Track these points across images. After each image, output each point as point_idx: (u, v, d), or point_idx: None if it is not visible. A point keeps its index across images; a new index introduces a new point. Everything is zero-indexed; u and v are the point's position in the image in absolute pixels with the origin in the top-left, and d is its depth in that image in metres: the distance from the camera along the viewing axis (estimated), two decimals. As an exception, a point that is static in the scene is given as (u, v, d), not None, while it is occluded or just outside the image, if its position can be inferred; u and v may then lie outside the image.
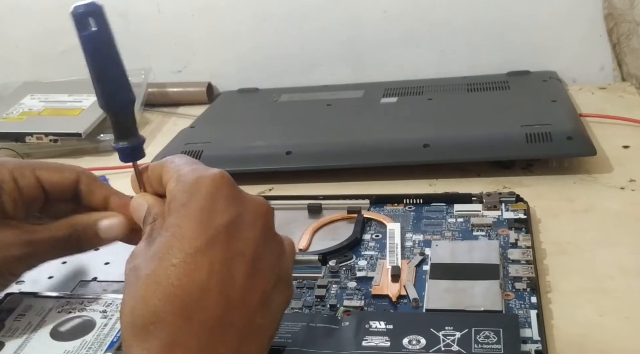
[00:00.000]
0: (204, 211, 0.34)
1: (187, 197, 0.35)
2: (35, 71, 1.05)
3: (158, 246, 0.34)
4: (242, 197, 0.36)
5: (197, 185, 0.35)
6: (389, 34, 0.97)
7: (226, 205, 0.35)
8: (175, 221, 0.34)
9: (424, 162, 0.69)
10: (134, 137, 0.39)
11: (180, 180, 0.36)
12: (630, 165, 0.67)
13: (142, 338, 0.33)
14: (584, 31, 0.92)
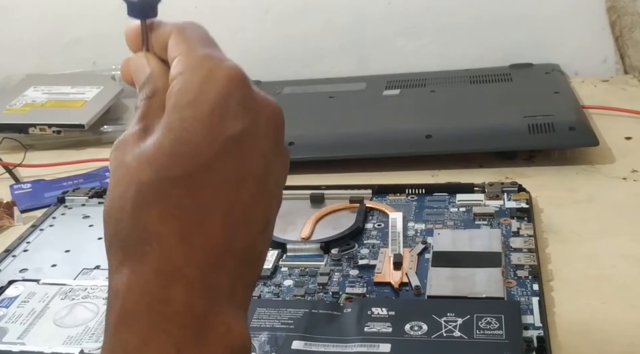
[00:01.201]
0: (215, 116, 0.29)
1: (196, 93, 0.29)
2: (39, 63, 1.05)
3: (156, 149, 0.29)
4: (256, 101, 0.31)
5: (210, 80, 0.30)
6: (392, 27, 0.97)
7: (240, 110, 0.30)
8: (180, 123, 0.29)
9: (426, 152, 0.69)
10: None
11: (190, 66, 0.30)
12: (632, 156, 0.67)
13: (133, 257, 0.28)
14: (587, 24, 0.92)
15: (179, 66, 0.31)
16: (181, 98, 0.29)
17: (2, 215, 0.65)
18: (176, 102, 0.29)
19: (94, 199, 0.66)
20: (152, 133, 0.29)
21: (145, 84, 0.32)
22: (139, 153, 0.29)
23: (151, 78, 0.32)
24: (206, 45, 0.31)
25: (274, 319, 0.44)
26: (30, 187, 0.74)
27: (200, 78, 0.30)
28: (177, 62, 0.31)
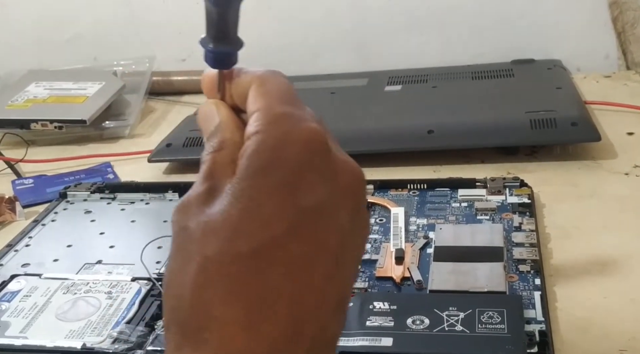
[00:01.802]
0: (288, 186, 0.26)
1: (269, 158, 0.27)
2: (40, 59, 1.05)
3: (222, 219, 0.26)
4: (335, 167, 0.28)
5: (286, 144, 0.27)
6: (393, 22, 0.97)
7: (316, 179, 0.27)
8: (250, 192, 0.26)
9: (428, 148, 0.69)
10: (234, 40, 0.31)
11: (266, 126, 0.28)
12: (634, 151, 0.67)
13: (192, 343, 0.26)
14: (589, 19, 0.92)
15: (254, 124, 0.28)
16: (253, 162, 0.27)
17: (4, 210, 0.65)
18: (248, 166, 0.27)
19: (96, 194, 0.66)
20: (218, 197, 0.27)
21: (213, 135, 0.30)
22: (204, 222, 0.27)
23: (219, 129, 0.30)
24: (286, 102, 0.29)
25: (275, 313, 0.44)
26: (32, 182, 0.74)
27: (276, 142, 0.27)
28: (254, 119, 0.28)
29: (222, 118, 0.30)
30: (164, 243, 0.56)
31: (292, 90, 0.30)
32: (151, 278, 0.50)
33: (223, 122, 0.30)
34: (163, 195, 0.64)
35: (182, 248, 0.27)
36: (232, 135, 0.29)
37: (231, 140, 0.29)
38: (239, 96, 0.30)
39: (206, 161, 0.29)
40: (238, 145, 0.29)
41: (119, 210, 0.63)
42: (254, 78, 0.30)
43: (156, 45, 1.03)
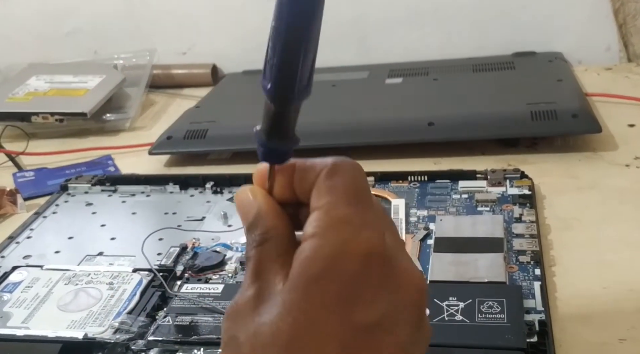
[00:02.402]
0: (343, 301, 0.25)
1: (326, 268, 0.25)
2: (41, 52, 1.05)
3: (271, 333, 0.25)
4: (397, 279, 0.26)
5: (344, 254, 0.25)
6: (394, 15, 0.97)
7: (374, 294, 0.25)
8: (302, 305, 0.25)
9: (429, 140, 0.69)
10: (291, 138, 0.28)
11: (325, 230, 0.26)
12: (635, 143, 0.67)
13: None
14: (590, 12, 0.92)
15: (313, 225, 0.26)
16: (308, 269, 0.25)
17: (6, 203, 0.65)
18: (301, 274, 0.25)
19: (97, 187, 0.66)
20: (268, 303, 0.26)
21: (253, 226, 0.28)
22: (252, 334, 0.25)
23: (260, 218, 0.28)
24: (351, 201, 0.26)
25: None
26: (33, 175, 0.74)
27: (333, 250, 0.25)
28: (313, 218, 0.26)
29: (261, 207, 0.28)
30: (165, 235, 0.56)
31: (362, 183, 0.27)
32: (152, 269, 0.50)
33: (262, 210, 0.28)
34: (164, 188, 0.65)
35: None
36: (275, 224, 0.27)
37: (274, 230, 0.27)
38: (304, 190, 0.28)
39: (251, 258, 0.27)
40: (282, 236, 0.27)
41: (120, 202, 0.64)
42: (323, 167, 0.27)
43: (157, 38, 1.03)
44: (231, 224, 0.57)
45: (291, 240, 0.27)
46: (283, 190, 0.28)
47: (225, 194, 0.62)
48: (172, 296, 0.47)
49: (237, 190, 0.30)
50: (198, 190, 0.64)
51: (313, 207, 0.27)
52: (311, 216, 0.26)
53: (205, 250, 0.53)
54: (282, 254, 0.27)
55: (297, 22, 0.26)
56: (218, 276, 0.50)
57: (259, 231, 0.27)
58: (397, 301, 0.26)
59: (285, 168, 0.28)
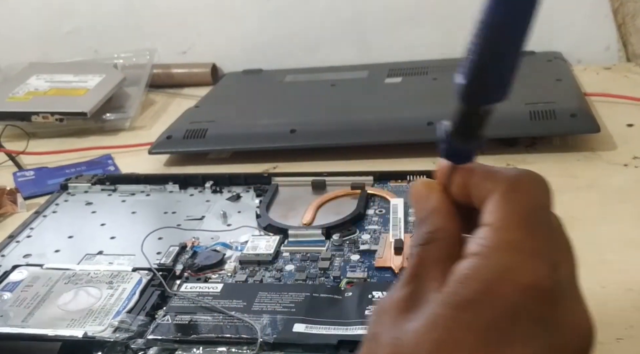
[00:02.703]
0: (495, 331, 0.23)
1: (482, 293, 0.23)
2: (41, 52, 1.05)
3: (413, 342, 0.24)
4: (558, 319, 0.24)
5: (504, 283, 0.23)
6: (394, 15, 0.97)
7: (528, 332, 0.23)
8: (449, 324, 0.23)
9: (428, 139, 0.69)
10: (476, 139, 0.28)
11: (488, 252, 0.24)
12: (634, 142, 0.67)
13: None
14: (589, 11, 0.92)
15: (478, 242, 0.24)
16: (463, 289, 0.24)
17: (6, 202, 0.66)
18: (456, 291, 0.24)
19: (97, 186, 0.66)
20: (416, 311, 0.25)
21: (424, 221, 0.27)
22: (394, 339, 0.25)
23: (432, 215, 0.27)
24: (527, 224, 0.24)
25: (275, 303, 0.45)
26: (33, 174, 0.74)
27: (493, 274, 0.23)
28: (480, 235, 0.25)
29: (435, 204, 0.27)
30: (164, 234, 0.56)
31: (542, 204, 0.26)
32: (152, 269, 0.50)
33: (437, 207, 0.27)
34: (163, 187, 0.65)
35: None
36: (445, 225, 0.27)
37: (443, 231, 0.26)
38: (479, 196, 0.26)
39: (415, 255, 0.27)
40: (449, 239, 0.26)
41: (119, 201, 0.64)
42: (505, 180, 0.26)
43: (157, 37, 1.03)
44: (230, 223, 0.57)
45: (457, 246, 0.26)
46: (458, 191, 0.27)
47: (224, 193, 0.63)
48: (172, 295, 0.47)
49: (414, 182, 0.29)
50: (197, 189, 0.64)
51: (483, 222, 0.25)
52: (478, 232, 0.25)
53: (205, 249, 0.53)
54: (444, 259, 0.26)
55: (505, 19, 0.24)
56: (217, 275, 0.50)
57: (427, 229, 0.27)
58: (555, 344, 0.23)
59: (467, 169, 0.27)
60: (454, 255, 0.25)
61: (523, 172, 0.26)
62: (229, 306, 0.44)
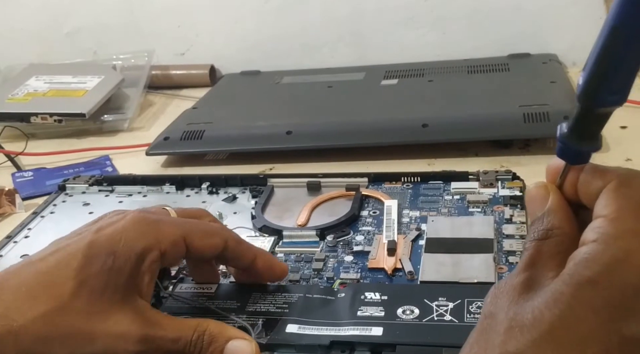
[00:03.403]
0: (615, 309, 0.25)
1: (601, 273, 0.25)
2: (40, 53, 1.06)
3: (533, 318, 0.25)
4: None
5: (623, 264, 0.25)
6: (390, 17, 0.98)
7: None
8: (570, 301, 0.25)
9: (422, 141, 0.70)
10: (593, 141, 0.29)
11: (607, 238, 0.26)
12: (627, 144, 0.68)
13: None
14: (585, 14, 0.92)
15: (596, 231, 0.26)
16: (582, 271, 0.25)
17: (4, 202, 0.66)
18: (574, 273, 0.25)
19: (94, 187, 0.67)
20: (535, 292, 0.26)
21: (539, 220, 0.29)
22: (513, 314, 0.26)
23: (548, 215, 0.29)
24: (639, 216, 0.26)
25: (269, 303, 0.45)
26: (32, 175, 0.75)
27: (613, 258, 0.25)
28: (597, 224, 0.26)
29: (553, 205, 0.29)
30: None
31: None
32: (148, 269, 0.50)
33: (553, 208, 0.29)
34: (160, 188, 0.65)
35: (485, 334, 0.27)
36: (561, 224, 0.28)
37: (559, 230, 0.28)
38: (590, 193, 0.28)
39: (529, 248, 0.28)
40: (566, 237, 0.28)
41: (116, 202, 0.64)
42: (616, 176, 0.27)
43: (155, 39, 1.04)
44: (226, 224, 0.58)
45: (573, 243, 0.27)
46: (568, 187, 0.29)
47: (220, 194, 0.63)
48: (167, 296, 0.47)
49: (530, 186, 0.31)
50: (194, 190, 0.65)
51: (597, 214, 0.27)
52: (594, 223, 0.26)
53: (200, 250, 0.53)
54: (561, 252, 0.27)
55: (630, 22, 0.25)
56: (212, 275, 0.50)
57: (543, 227, 0.28)
58: None
59: (577, 168, 0.29)
60: (570, 251, 0.27)
61: (632, 170, 0.28)
62: (223, 306, 0.45)
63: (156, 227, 0.40)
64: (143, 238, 0.39)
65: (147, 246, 0.39)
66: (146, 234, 0.39)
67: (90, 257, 0.37)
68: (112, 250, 0.38)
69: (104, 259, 0.37)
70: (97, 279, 0.37)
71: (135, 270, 0.38)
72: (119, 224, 0.39)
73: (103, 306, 0.36)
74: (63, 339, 0.35)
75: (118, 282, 0.37)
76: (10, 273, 0.38)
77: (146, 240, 0.39)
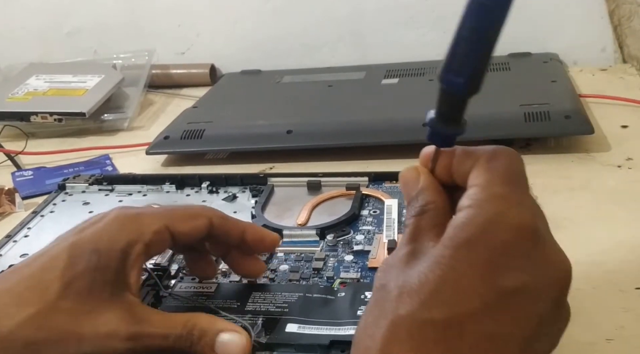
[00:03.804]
0: (491, 264, 0.27)
1: (477, 233, 0.27)
2: (41, 52, 1.06)
3: (419, 282, 0.27)
4: (544, 257, 0.28)
5: (496, 224, 0.27)
6: (390, 16, 0.98)
7: (520, 264, 0.27)
8: (451, 261, 0.27)
9: (423, 141, 0.69)
10: (459, 125, 0.32)
11: (480, 202, 0.28)
12: (628, 144, 0.68)
13: None
14: (585, 13, 0.92)
15: (470, 198, 0.29)
16: (460, 233, 0.28)
17: (4, 202, 0.66)
18: (453, 236, 0.28)
19: (94, 186, 0.66)
20: (419, 260, 0.28)
21: (414, 199, 0.31)
22: (401, 282, 0.28)
23: (421, 193, 0.31)
24: (507, 182, 0.29)
25: (269, 303, 0.45)
26: (32, 174, 0.75)
27: (486, 219, 0.28)
28: (470, 193, 0.29)
29: (425, 183, 0.32)
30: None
31: (519, 169, 0.30)
32: (146, 268, 0.50)
33: (425, 186, 0.31)
34: (160, 187, 0.65)
35: (379, 304, 0.29)
36: (434, 198, 0.31)
37: (433, 204, 0.31)
38: (462, 172, 0.31)
39: (409, 225, 0.31)
40: (441, 210, 0.30)
41: (116, 201, 0.64)
42: (484, 153, 0.31)
43: (156, 38, 1.04)
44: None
45: (447, 215, 0.30)
46: (443, 171, 0.32)
47: (220, 194, 0.63)
48: (167, 295, 0.47)
49: (402, 169, 0.34)
50: (194, 189, 0.64)
51: (470, 184, 0.29)
52: (468, 191, 0.29)
53: (200, 249, 0.53)
54: (437, 225, 0.29)
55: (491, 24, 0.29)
56: (212, 275, 0.50)
57: (419, 204, 0.31)
58: (542, 275, 0.27)
59: (448, 152, 0.32)
60: (445, 222, 0.29)
61: (498, 146, 0.31)
62: (222, 306, 0.45)
63: (137, 220, 0.39)
64: (125, 232, 0.38)
65: (131, 240, 0.38)
66: (128, 228, 0.39)
67: (74, 257, 0.37)
68: (96, 248, 0.37)
69: (88, 258, 0.37)
70: (82, 278, 0.36)
71: (120, 265, 0.38)
72: (100, 223, 0.39)
73: (91, 306, 0.36)
74: (52, 342, 0.35)
75: (104, 279, 0.37)
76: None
77: (128, 234, 0.38)
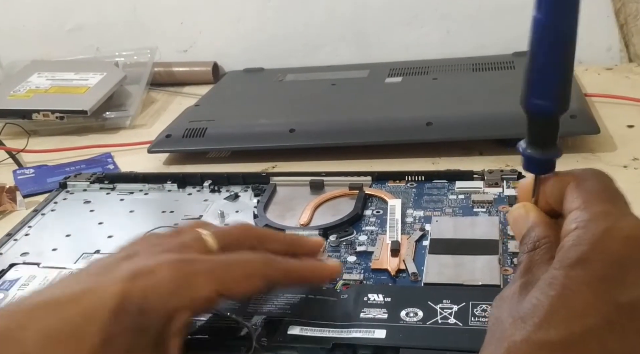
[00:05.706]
0: (606, 280, 0.26)
1: (587, 251, 0.27)
2: (43, 50, 1.06)
3: (532, 305, 0.27)
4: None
5: (605, 239, 0.27)
6: (394, 14, 0.97)
7: (637, 276, 0.26)
8: (564, 281, 0.27)
9: (426, 140, 0.69)
10: (555, 147, 0.33)
11: (585, 222, 0.28)
12: (634, 144, 0.67)
13: None
14: (591, 12, 0.91)
15: (574, 221, 0.29)
16: (570, 254, 0.27)
17: (5, 200, 0.66)
18: (564, 257, 0.28)
19: (95, 184, 0.66)
20: (532, 289, 0.28)
21: (526, 237, 0.32)
22: (515, 310, 0.28)
23: (532, 231, 0.32)
24: (606, 200, 0.30)
25: (270, 304, 0.45)
26: (33, 172, 0.74)
27: (594, 236, 0.28)
28: (572, 217, 0.29)
29: (535, 220, 0.32)
30: (162, 234, 0.56)
31: (611, 186, 0.31)
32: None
33: (535, 223, 0.32)
34: (162, 186, 0.65)
35: (494, 337, 0.28)
36: (546, 234, 0.31)
37: (545, 239, 0.31)
38: (555, 197, 0.32)
39: (523, 260, 0.31)
40: (553, 244, 0.30)
41: (118, 200, 0.64)
42: (572, 178, 0.32)
43: (158, 36, 1.03)
44: (228, 223, 0.57)
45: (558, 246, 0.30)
46: (544, 202, 0.33)
47: (222, 193, 0.63)
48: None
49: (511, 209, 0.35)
50: (196, 188, 0.64)
51: (569, 209, 0.30)
52: (569, 216, 0.29)
53: (202, 250, 0.53)
54: (551, 258, 0.29)
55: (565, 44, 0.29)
56: (214, 275, 0.50)
57: (531, 240, 0.31)
58: None
59: (545, 179, 0.33)
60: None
61: (584, 169, 0.32)
62: (223, 307, 0.44)
63: (191, 283, 0.37)
64: (176, 297, 0.36)
65: (179, 306, 0.36)
66: (180, 293, 0.36)
67: (120, 312, 0.34)
68: (143, 308, 0.35)
69: (133, 317, 0.35)
70: (123, 337, 0.34)
71: (163, 330, 0.35)
72: (153, 276, 0.36)
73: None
74: None
75: (146, 342, 0.35)
76: (34, 311, 0.34)
77: (179, 299, 0.36)
